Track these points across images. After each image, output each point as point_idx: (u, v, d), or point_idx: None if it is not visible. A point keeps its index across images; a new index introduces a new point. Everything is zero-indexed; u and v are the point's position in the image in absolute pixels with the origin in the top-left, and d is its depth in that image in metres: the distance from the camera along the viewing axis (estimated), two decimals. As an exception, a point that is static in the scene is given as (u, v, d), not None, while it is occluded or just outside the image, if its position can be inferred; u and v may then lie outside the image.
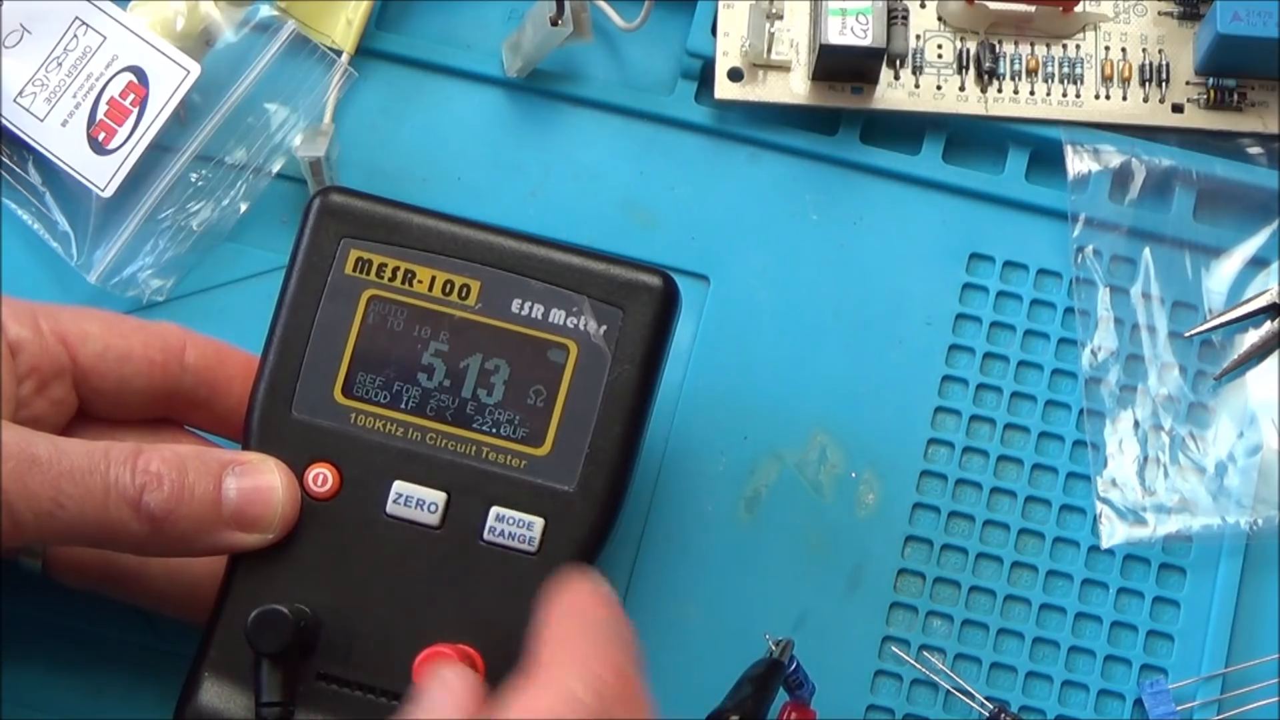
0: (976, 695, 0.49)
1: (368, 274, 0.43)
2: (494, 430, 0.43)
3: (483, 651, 0.42)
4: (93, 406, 0.45)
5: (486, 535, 0.43)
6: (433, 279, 0.43)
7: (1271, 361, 0.52)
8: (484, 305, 0.43)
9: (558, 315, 0.43)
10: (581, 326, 0.43)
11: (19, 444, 0.40)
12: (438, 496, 0.43)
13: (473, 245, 0.43)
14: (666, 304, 0.43)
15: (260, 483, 0.42)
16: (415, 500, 0.43)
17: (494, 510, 0.43)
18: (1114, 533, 0.51)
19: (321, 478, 0.43)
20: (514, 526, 0.43)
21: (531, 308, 0.43)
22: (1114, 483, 0.51)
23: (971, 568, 0.51)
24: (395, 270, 0.43)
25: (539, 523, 0.43)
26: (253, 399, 0.43)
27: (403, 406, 0.43)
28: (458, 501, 0.43)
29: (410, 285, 0.43)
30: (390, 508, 0.43)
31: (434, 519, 0.43)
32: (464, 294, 0.43)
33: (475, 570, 0.43)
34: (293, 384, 0.43)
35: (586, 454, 0.43)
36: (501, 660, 0.42)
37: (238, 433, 0.45)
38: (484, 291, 0.43)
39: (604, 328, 0.43)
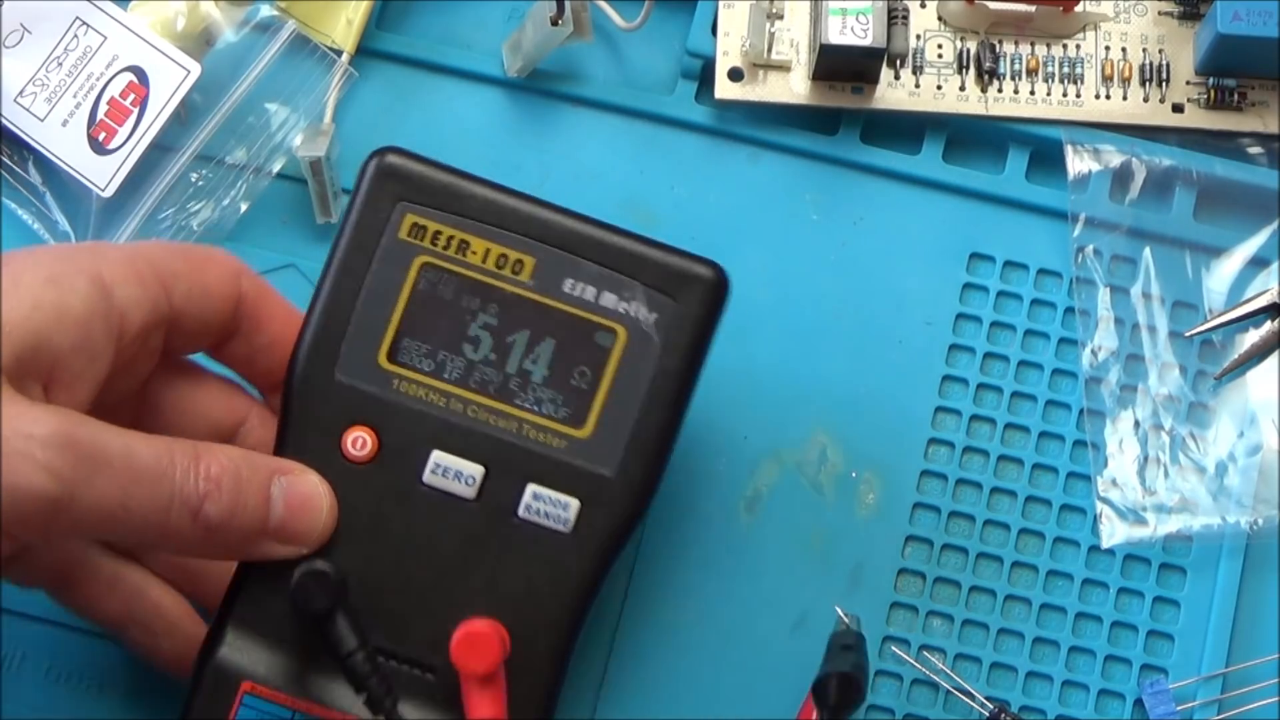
0: (977, 695, 0.49)
1: (422, 240, 0.43)
2: (536, 408, 0.42)
3: (509, 627, 0.42)
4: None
5: (521, 512, 0.42)
6: (487, 251, 0.43)
7: (1272, 361, 0.52)
8: (536, 282, 0.43)
9: (609, 299, 0.43)
10: (632, 312, 0.43)
11: (92, 440, 0.38)
12: (476, 469, 0.42)
13: (531, 221, 0.43)
14: (717, 296, 0.43)
15: (306, 494, 0.42)
16: (453, 472, 0.42)
17: (531, 488, 0.42)
18: (1114, 532, 0.51)
19: (360, 441, 0.42)
20: (550, 506, 0.42)
21: (584, 289, 0.43)
22: (1114, 482, 0.51)
23: (972, 567, 0.51)
24: (450, 239, 0.43)
25: (575, 504, 0.42)
26: (294, 357, 0.42)
27: (446, 376, 0.42)
28: (495, 476, 0.42)
29: (464, 255, 0.43)
30: (427, 477, 0.42)
31: (470, 491, 0.42)
32: (517, 269, 0.43)
33: (507, 545, 0.42)
34: (338, 345, 0.42)
35: (628, 441, 0.42)
36: (526, 637, 0.42)
37: (261, 375, 0.45)
38: (537, 269, 0.43)
39: (655, 315, 0.43)
